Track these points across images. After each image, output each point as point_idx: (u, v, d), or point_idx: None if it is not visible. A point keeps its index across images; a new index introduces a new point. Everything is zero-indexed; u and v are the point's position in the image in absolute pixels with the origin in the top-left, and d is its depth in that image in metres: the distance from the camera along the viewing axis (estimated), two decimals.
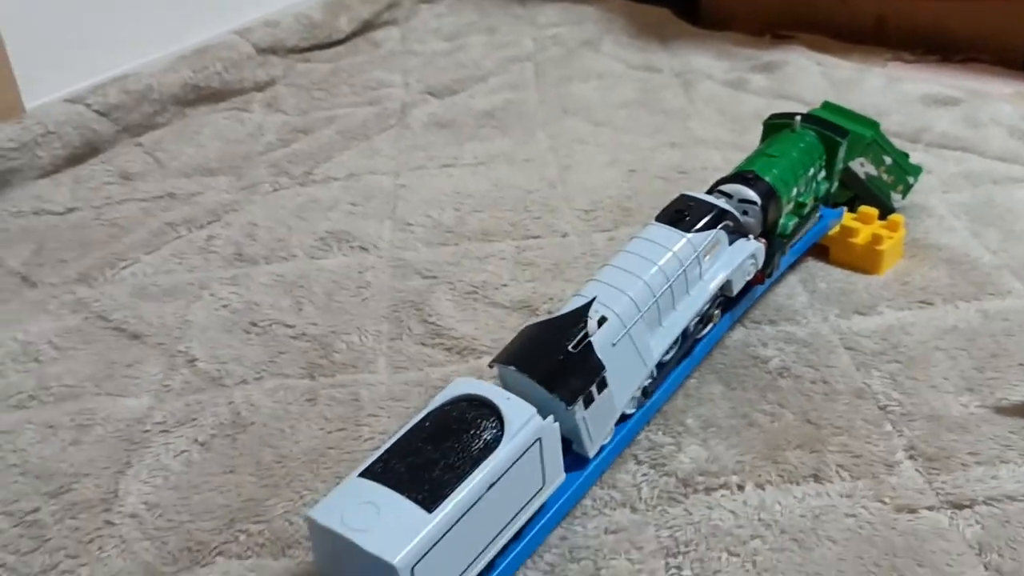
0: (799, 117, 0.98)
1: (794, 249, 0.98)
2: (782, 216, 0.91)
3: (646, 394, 0.79)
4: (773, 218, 0.89)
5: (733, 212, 0.86)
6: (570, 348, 0.71)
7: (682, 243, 0.81)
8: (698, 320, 0.84)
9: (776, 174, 0.90)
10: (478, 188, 1.20)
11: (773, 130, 0.99)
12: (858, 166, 1.04)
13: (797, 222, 0.95)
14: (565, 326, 0.72)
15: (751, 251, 0.87)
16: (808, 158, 0.95)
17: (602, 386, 0.71)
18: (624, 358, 0.74)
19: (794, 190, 0.92)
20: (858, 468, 0.78)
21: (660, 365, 0.80)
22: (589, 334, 0.72)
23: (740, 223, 0.86)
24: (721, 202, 0.86)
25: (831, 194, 1.01)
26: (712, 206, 0.85)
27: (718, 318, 0.88)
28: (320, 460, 0.81)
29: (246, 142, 1.33)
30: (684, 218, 0.82)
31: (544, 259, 1.06)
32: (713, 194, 0.88)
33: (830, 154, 0.97)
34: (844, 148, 0.98)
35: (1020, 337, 0.91)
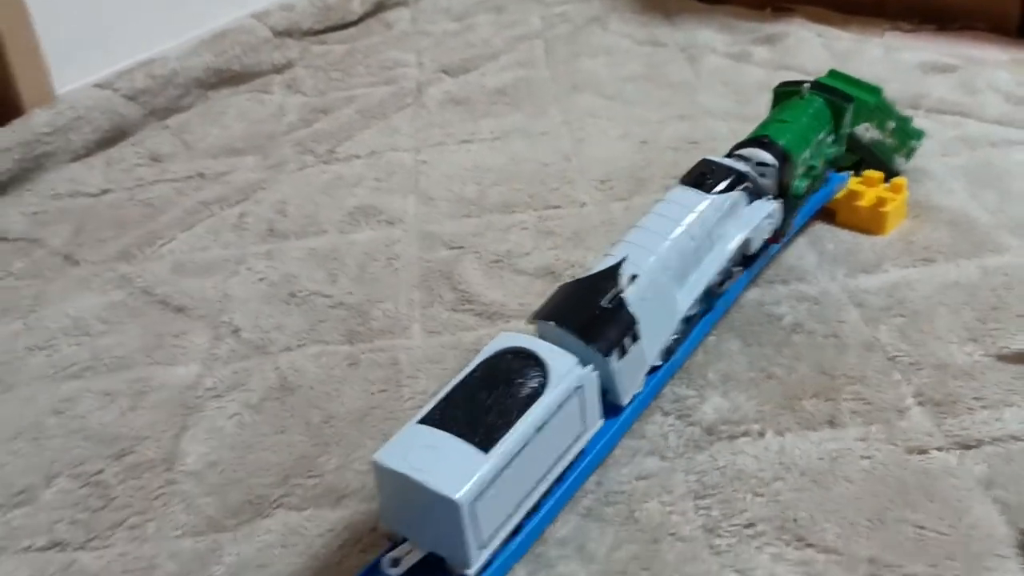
0: (807, 84, 1.03)
1: (803, 212, 1.03)
2: (795, 178, 0.97)
3: (670, 353, 0.84)
4: (787, 180, 0.95)
5: (751, 174, 0.91)
6: (604, 304, 0.76)
7: (705, 204, 0.86)
8: (720, 277, 0.89)
9: (789, 138, 0.95)
10: (496, 162, 1.25)
11: (783, 97, 1.04)
12: (863, 131, 1.09)
13: (809, 184, 1.00)
14: (599, 284, 0.77)
15: (769, 211, 0.92)
16: (817, 123, 1.00)
17: (635, 338, 0.77)
18: (654, 312, 0.79)
19: (806, 152, 0.97)
20: (870, 414, 0.83)
21: (686, 320, 0.85)
22: (621, 290, 0.77)
23: (758, 184, 0.91)
24: (740, 165, 0.91)
25: (838, 158, 1.06)
26: (732, 169, 0.90)
27: (738, 275, 0.93)
28: (366, 419, 0.86)
29: (269, 123, 1.38)
30: (706, 180, 0.88)
31: (564, 228, 1.11)
32: (731, 158, 0.93)
33: (837, 119, 1.02)
34: (850, 113, 1.03)
35: (1018, 290, 0.96)
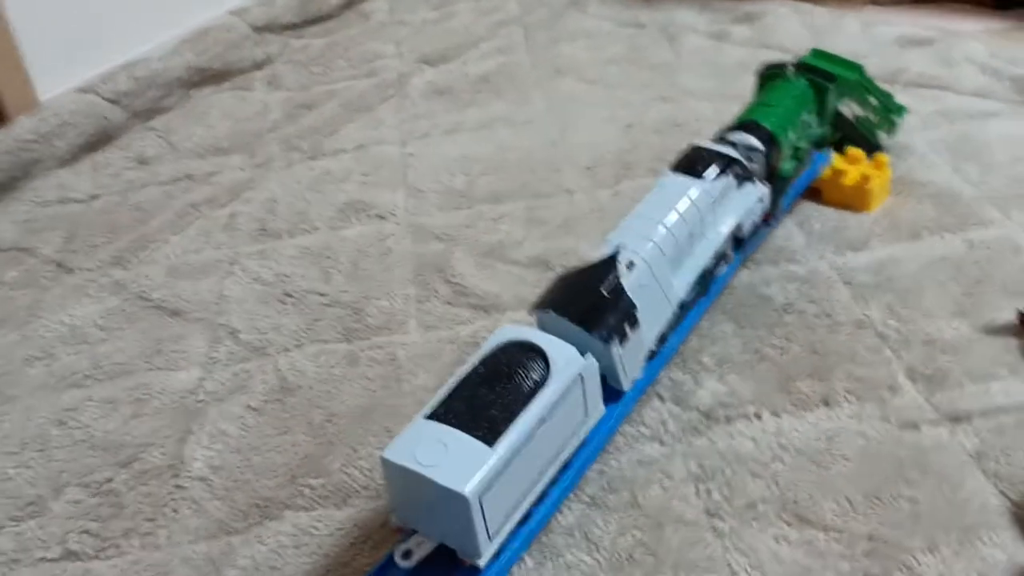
0: (791, 66, 1.04)
1: (791, 193, 1.04)
2: (783, 160, 0.98)
3: (663, 339, 0.86)
4: (775, 163, 0.96)
5: (741, 159, 0.92)
6: (603, 291, 0.77)
7: (698, 190, 0.87)
8: (714, 261, 0.90)
9: (775, 121, 0.97)
10: (483, 152, 1.26)
11: (767, 79, 1.05)
12: (846, 108, 1.10)
13: (796, 165, 1.01)
14: (597, 272, 0.79)
15: (759, 194, 0.94)
16: (801, 104, 1.01)
17: (634, 324, 0.78)
18: (652, 298, 0.81)
19: (792, 134, 0.99)
20: (863, 392, 0.85)
21: (682, 305, 0.86)
22: (620, 278, 0.78)
23: (748, 169, 0.93)
24: (729, 150, 0.92)
25: (825, 137, 1.07)
26: (722, 154, 0.91)
27: (732, 257, 0.94)
28: (368, 416, 0.87)
29: (254, 120, 1.38)
30: (697, 166, 0.89)
31: (554, 216, 1.12)
32: (720, 143, 0.95)
33: (820, 99, 1.03)
34: (833, 93, 1.04)
35: (1003, 263, 0.98)
